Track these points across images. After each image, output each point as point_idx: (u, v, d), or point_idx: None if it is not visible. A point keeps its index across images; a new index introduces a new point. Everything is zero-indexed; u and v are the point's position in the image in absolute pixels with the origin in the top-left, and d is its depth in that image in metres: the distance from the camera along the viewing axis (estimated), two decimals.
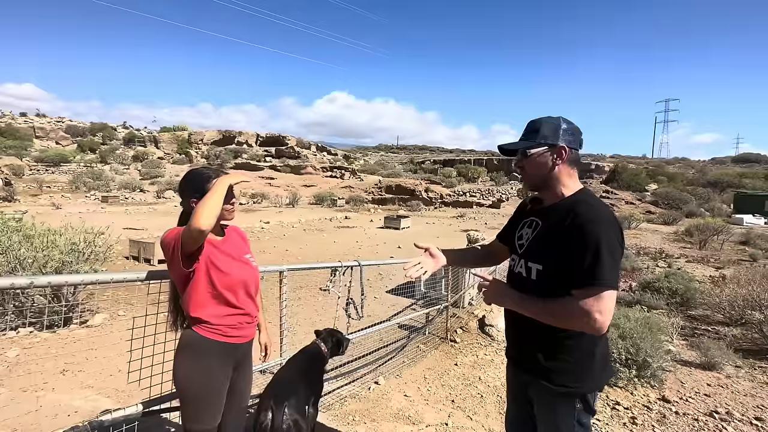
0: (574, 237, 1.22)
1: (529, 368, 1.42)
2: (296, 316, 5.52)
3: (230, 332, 1.65)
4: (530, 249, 1.39)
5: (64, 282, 1.77)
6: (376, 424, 2.84)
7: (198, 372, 1.60)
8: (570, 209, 1.28)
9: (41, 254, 4.86)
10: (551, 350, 1.33)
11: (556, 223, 1.30)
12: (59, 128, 44.51)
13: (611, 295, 1.17)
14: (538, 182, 1.40)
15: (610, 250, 1.18)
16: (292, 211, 23.87)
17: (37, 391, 3.27)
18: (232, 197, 1.69)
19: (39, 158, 34.34)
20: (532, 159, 1.35)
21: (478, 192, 32.96)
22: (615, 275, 1.19)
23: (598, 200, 1.35)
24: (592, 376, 1.34)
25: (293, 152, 42.97)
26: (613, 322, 4.16)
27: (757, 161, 53.58)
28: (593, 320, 1.15)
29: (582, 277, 1.19)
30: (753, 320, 5.10)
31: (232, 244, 1.75)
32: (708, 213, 24.86)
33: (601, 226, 1.21)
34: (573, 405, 1.33)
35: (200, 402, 1.61)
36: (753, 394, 3.69)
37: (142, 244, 9.18)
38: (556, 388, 1.33)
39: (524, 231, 1.46)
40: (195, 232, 1.46)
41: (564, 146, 1.32)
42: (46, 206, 19.94)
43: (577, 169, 1.39)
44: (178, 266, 1.54)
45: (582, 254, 1.19)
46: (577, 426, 1.34)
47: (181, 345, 1.63)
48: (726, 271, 9.88)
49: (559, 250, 1.26)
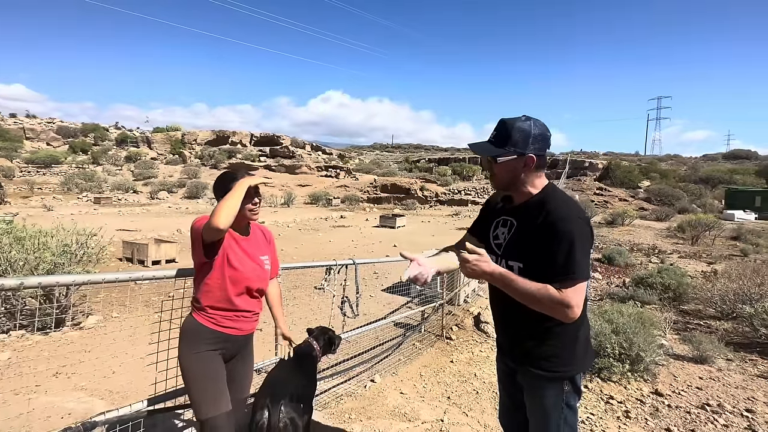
0: (548, 234, 1.29)
1: (517, 355, 1.47)
2: (291, 316, 5.51)
3: (224, 323, 1.72)
4: (509, 248, 1.44)
5: (55, 282, 1.76)
6: (372, 422, 2.85)
7: (189, 357, 1.68)
8: (541, 207, 1.35)
9: (32, 256, 4.80)
10: (538, 337, 1.39)
11: (530, 222, 1.37)
12: (50, 129, 43.90)
13: (584, 285, 1.27)
14: (507, 185, 1.46)
15: (581, 243, 1.27)
16: (287, 211, 23.79)
17: (29, 393, 3.23)
18: (253, 197, 1.77)
19: (30, 160, 33.86)
20: (501, 165, 1.40)
21: (473, 190, 33.06)
22: (587, 267, 1.29)
23: (565, 195, 1.42)
24: (578, 359, 1.41)
25: (288, 152, 42.78)
26: (607, 318, 4.20)
27: (747, 158, 54.23)
28: (569, 308, 1.24)
29: (558, 271, 1.26)
30: (744, 314, 5.17)
31: (253, 243, 1.85)
32: (700, 209, 25.15)
33: (572, 222, 1.29)
34: (561, 388, 1.39)
35: (196, 387, 1.67)
36: (744, 386, 3.74)
37: (136, 246, 9.10)
38: (544, 373, 1.39)
39: (500, 231, 1.50)
40: (213, 229, 1.57)
41: (532, 155, 1.36)
42: (38, 208, 19.70)
43: (544, 169, 1.45)
44: (200, 253, 1.68)
45: (557, 250, 1.27)
46: (566, 408, 1.40)
47: (182, 332, 1.74)
48: (717, 266, 10.01)
49: (536, 248, 1.32)
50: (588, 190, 32.40)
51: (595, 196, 30.18)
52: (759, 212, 24.69)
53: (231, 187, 1.66)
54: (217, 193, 1.76)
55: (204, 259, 1.68)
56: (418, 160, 53.45)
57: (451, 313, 5.62)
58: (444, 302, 5.07)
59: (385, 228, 17.38)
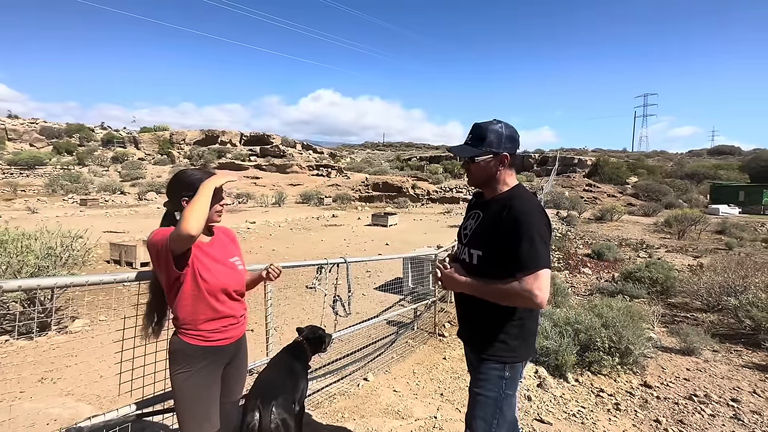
0: (511, 227, 1.40)
1: (470, 343, 1.64)
2: (283, 316, 5.47)
3: (213, 336, 1.64)
4: (473, 238, 1.58)
5: (36, 285, 1.70)
6: (366, 420, 2.84)
7: (178, 377, 1.60)
8: (506, 203, 1.48)
9: (15, 260, 4.68)
10: (488, 325, 1.53)
11: (494, 215, 1.49)
12: (33, 130, 42.86)
13: (546, 273, 1.36)
14: (482, 182, 1.60)
15: (541, 236, 1.38)
16: (279, 211, 23.62)
17: (12, 400, 3.15)
18: (221, 198, 1.67)
19: (12, 161, 33.04)
20: (478, 164, 1.54)
21: (465, 188, 33.21)
22: (547, 256, 1.38)
23: (529, 194, 1.55)
24: (518, 347, 1.52)
25: (278, 151, 42.47)
26: (597, 312, 4.26)
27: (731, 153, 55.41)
28: (535, 296, 1.33)
29: (521, 262, 1.36)
30: (729, 306, 5.29)
31: (219, 247, 1.71)
32: (686, 204, 25.66)
33: (533, 216, 1.40)
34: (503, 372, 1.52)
35: (183, 407, 1.61)
36: (729, 377, 3.82)
37: (124, 247, 8.94)
38: (488, 358, 1.52)
39: (469, 222, 1.66)
40: (184, 236, 1.44)
41: (506, 154, 1.52)
42: (21, 211, 19.23)
43: (515, 170, 1.61)
44: (170, 268, 1.51)
45: (519, 242, 1.37)
46: (504, 392, 1.52)
47: (170, 353, 1.64)
48: (703, 259, 10.22)
49: (496, 238, 1.44)
50: (577, 186, 32.80)
51: (584, 193, 30.57)
52: (743, 206, 25.28)
53: (187, 189, 1.58)
54: (173, 194, 1.63)
55: (176, 273, 1.53)
56: (409, 159, 53.54)
57: (444, 310, 5.64)
58: (436, 299, 5.08)
59: (378, 226, 17.36)
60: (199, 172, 1.67)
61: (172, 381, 1.63)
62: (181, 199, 1.60)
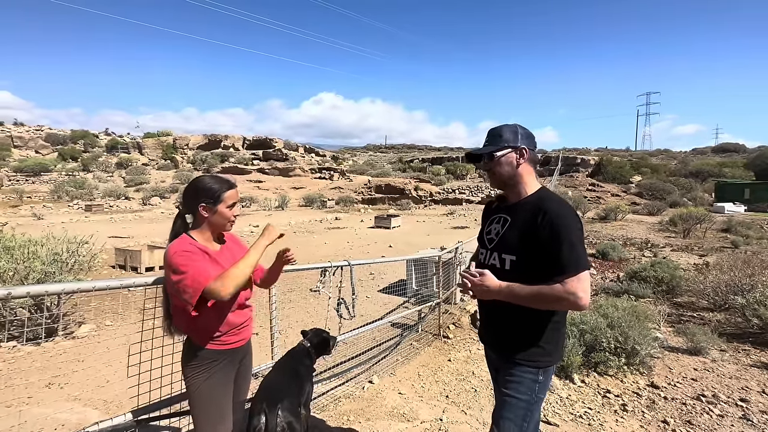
0: (549, 232, 1.40)
1: (498, 347, 1.62)
2: (288, 319, 5.48)
3: (229, 340, 1.67)
4: (502, 242, 1.56)
5: (44, 291, 1.72)
6: (371, 423, 2.84)
7: (196, 378, 1.62)
8: (538, 207, 1.47)
9: (22, 266, 4.73)
10: (522, 329, 1.52)
11: (528, 219, 1.47)
12: (38, 137, 43.27)
13: (587, 275, 1.38)
14: (504, 181, 1.58)
15: (579, 239, 1.41)
16: (282, 214, 23.68)
17: (20, 405, 3.17)
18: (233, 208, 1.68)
19: (18, 168, 33.36)
20: (499, 160, 1.54)
21: (467, 189, 33.17)
22: (586, 258, 1.40)
23: (558, 197, 1.55)
24: (553, 352, 1.52)
25: (281, 155, 42.60)
26: (602, 312, 4.23)
27: (736, 151, 55.04)
28: (579, 298, 1.33)
29: (563, 266, 1.37)
30: (736, 305, 5.24)
31: (228, 254, 1.70)
32: (690, 202, 25.48)
33: (570, 219, 1.42)
34: (536, 377, 1.51)
35: (200, 408, 1.63)
36: (738, 376, 3.78)
37: (129, 252, 8.99)
38: (522, 362, 1.51)
39: (493, 227, 1.63)
40: (217, 297, 1.47)
41: (525, 147, 1.53)
42: (27, 217, 19.39)
43: (535, 167, 1.61)
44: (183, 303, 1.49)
45: (559, 246, 1.38)
46: (537, 395, 1.51)
47: (185, 356, 1.65)
48: (709, 258, 10.13)
49: (533, 242, 1.43)
50: (581, 186, 32.64)
51: (587, 192, 30.42)
52: (748, 204, 25.06)
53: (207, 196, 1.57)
54: (190, 200, 1.60)
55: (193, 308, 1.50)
56: (411, 160, 53.52)
57: (448, 312, 5.63)
58: (440, 301, 5.07)
59: (381, 228, 17.36)
60: (218, 180, 1.66)
61: (187, 383, 1.63)
62: (198, 205, 1.60)
